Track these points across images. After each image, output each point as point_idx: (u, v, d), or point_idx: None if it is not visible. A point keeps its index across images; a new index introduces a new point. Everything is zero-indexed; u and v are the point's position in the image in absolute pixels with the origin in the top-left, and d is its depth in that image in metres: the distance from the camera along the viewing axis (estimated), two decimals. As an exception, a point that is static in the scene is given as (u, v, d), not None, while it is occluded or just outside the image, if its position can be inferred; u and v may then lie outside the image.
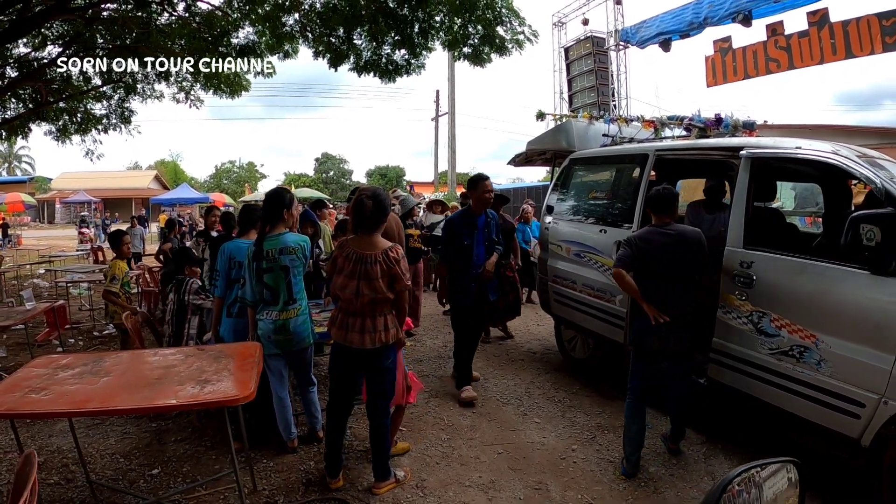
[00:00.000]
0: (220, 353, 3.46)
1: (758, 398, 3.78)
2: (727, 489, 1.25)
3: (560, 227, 6.03)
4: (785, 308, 3.57)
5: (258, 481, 3.72)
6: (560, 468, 3.97)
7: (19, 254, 17.84)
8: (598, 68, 20.09)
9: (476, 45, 8.74)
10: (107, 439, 4.46)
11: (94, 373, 3.09)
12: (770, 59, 12.75)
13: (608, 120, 6.43)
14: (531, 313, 8.86)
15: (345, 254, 3.38)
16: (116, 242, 6.14)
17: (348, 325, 3.39)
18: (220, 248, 4.43)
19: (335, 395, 3.62)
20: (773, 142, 4.05)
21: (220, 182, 58.03)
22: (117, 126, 12.07)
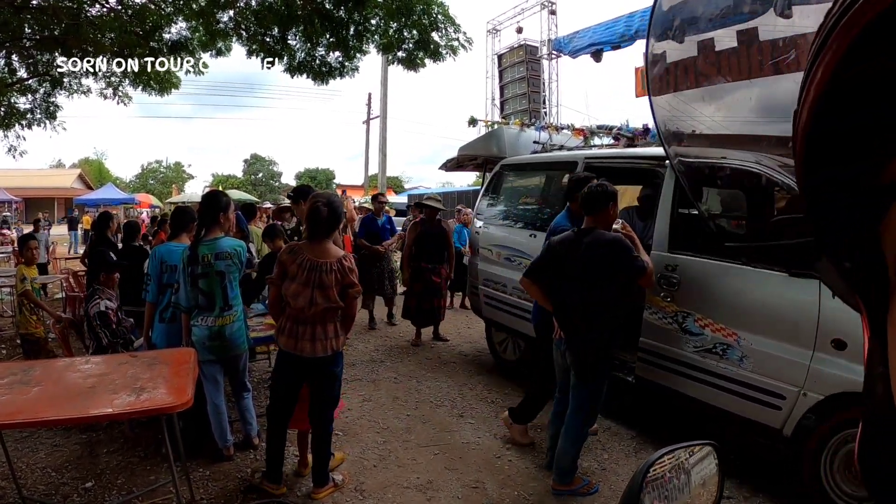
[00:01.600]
0: (153, 359, 3.42)
1: (684, 394, 4.00)
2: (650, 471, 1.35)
3: (490, 231, 6.19)
4: (708, 308, 3.82)
5: (195, 490, 3.69)
6: (496, 467, 4.09)
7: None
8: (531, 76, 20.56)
9: (411, 50, 8.83)
10: (36, 453, 4.30)
11: (25, 382, 3.02)
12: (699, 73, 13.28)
13: (539, 127, 6.64)
14: (462, 317, 9.03)
15: (298, 261, 3.35)
16: (21, 247, 5.94)
17: (298, 334, 3.38)
18: (152, 251, 4.36)
19: (279, 403, 3.60)
20: (699, 151, 4.25)
21: (147, 182, 56.07)
22: (42, 122, 11.59)
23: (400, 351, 7.20)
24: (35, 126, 11.51)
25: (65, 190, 41.27)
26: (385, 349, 7.28)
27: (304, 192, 5.12)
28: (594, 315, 3.49)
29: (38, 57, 9.82)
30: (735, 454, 4.14)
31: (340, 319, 3.51)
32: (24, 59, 9.86)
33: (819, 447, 3.28)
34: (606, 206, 3.56)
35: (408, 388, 5.75)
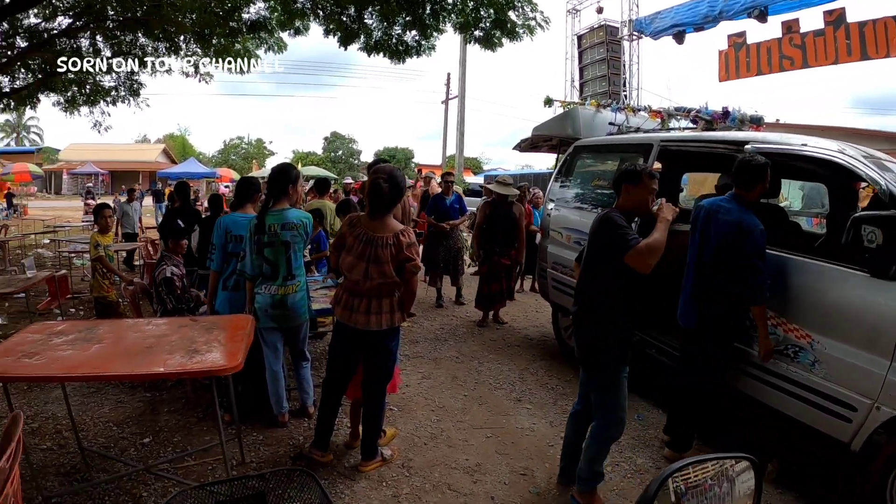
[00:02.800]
0: (212, 324, 3.47)
1: (751, 396, 3.76)
2: (668, 481, 1.25)
3: (561, 214, 6.02)
4: (781, 306, 3.54)
5: (247, 454, 3.75)
6: (547, 455, 3.97)
7: (24, 223, 17.95)
8: (611, 58, 20.01)
9: (487, 29, 8.74)
10: (101, 407, 4.51)
11: (88, 340, 3.11)
12: (784, 57, 12.61)
13: (615, 108, 6.42)
14: (531, 300, 8.89)
15: (355, 233, 3.33)
16: (97, 216, 6.14)
17: (353, 306, 3.36)
18: (217, 221, 4.42)
19: (334, 373, 3.62)
20: (778, 137, 3.99)
21: (228, 157, 57.80)
22: (126, 98, 12.07)
23: (464, 331, 7.14)
24: (119, 103, 11.99)
25: (149, 164, 43.31)
26: (450, 328, 7.25)
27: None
28: (595, 303, 3.18)
29: (122, 37, 10.17)
30: (795, 464, 3.88)
31: (400, 295, 3.46)
32: (108, 40, 10.24)
33: (887, 467, 2.97)
34: (620, 186, 3.19)
35: (468, 369, 5.69)
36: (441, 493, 3.46)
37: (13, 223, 17.62)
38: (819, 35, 11.97)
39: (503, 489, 3.53)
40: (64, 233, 13.52)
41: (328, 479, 3.52)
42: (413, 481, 3.57)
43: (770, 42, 13.02)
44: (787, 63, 12.60)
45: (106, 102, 11.95)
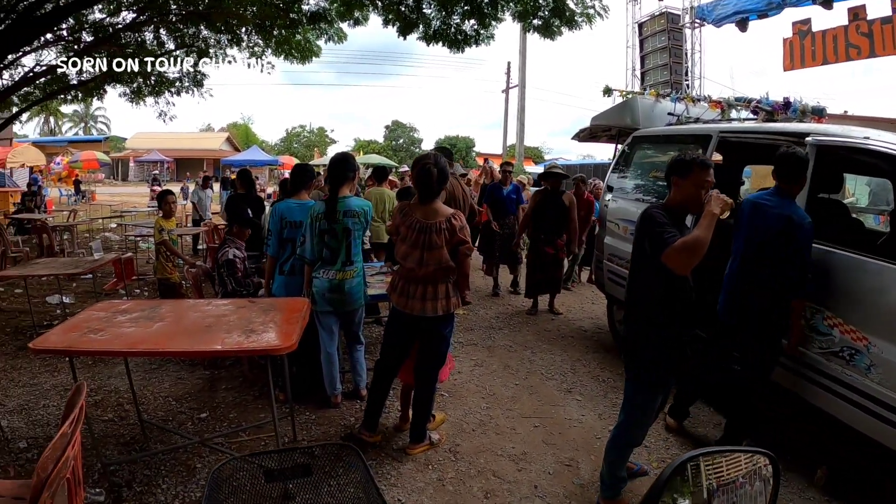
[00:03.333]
0: (269, 306, 3.57)
1: (803, 398, 3.64)
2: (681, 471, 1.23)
3: (619, 205, 5.95)
4: (839, 306, 3.41)
5: (299, 432, 3.87)
6: (594, 447, 3.94)
7: (92, 208, 18.73)
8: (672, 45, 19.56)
9: (546, 18, 8.63)
10: (162, 383, 4.70)
11: (150, 318, 3.25)
12: (850, 45, 12.06)
13: (675, 98, 6.28)
14: (588, 291, 8.82)
15: (408, 223, 3.39)
16: (160, 202, 6.33)
17: (409, 293, 3.42)
18: (272, 208, 4.53)
19: (387, 358, 3.69)
20: (841, 130, 3.82)
21: (291, 146, 58.75)
22: (189, 89, 12.38)
23: (519, 320, 7.14)
24: (183, 93, 12.32)
25: (213, 151, 44.40)
26: (505, 317, 7.27)
27: (444, 153, 5.09)
28: (636, 300, 3.06)
29: (185, 30, 10.43)
30: (846, 471, 3.72)
31: (455, 280, 3.49)
32: (171, 33, 10.52)
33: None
34: (670, 178, 2.98)
35: (521, 358, 5.70)
36: (485, 478, 3.49)
37: (81, 208, 18.41)
38: (887, 22, 11.46)
39: (547, 479, 3.53)
40: (130, 217, 14.05)
41: (376, 459, 3.60)
42: (458, 466, 3.60)
43: (836, 30, 12.49)
44: (854, 52, 12.07)
45: (170, 93, 12.28)
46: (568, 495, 3.37)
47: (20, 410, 4.20)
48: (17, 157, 18.34)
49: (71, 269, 6.07)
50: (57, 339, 2.92)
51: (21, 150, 19.39)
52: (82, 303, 7.03)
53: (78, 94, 12.22)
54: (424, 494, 3.29)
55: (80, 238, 12.48)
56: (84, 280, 8.04)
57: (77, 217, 14.31)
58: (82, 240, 12.33)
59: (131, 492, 3.19)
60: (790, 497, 3.43)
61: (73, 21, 9.91)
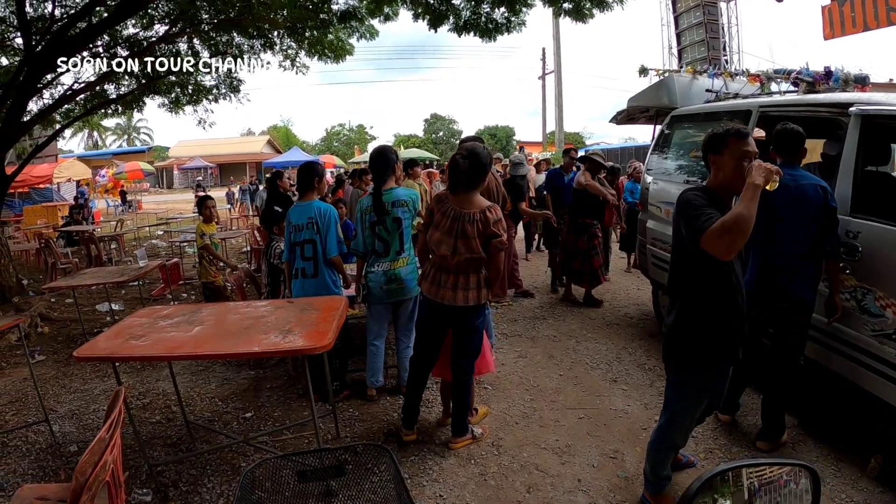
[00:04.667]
0: (307, 305, 3.59)
1: (855, 383, 3.45)
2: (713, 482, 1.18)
3: (660, 187, 5.81)
4: (892, 286, 3.21)
5: (342, 429, 3.89)
6: (640, 438, 3.85)
7: (139, 217, 19.24)
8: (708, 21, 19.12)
9: (577, 1, 8.49)
10: (208, 384, 4.80)
11: (190, 322, 3.30)
12: (892, 9, 11.53)
13: (712, 74, 6.09)
14: (633, 278, 8.65)
15: (443, 209, 3.37)
16: (201, 207, 6.42)
17: (441, 281, 3.40)
18: (287, 213, 4.46)
19: (421, 349, 3.67)
20: (886, 98, 3.63)
21: (331, 145, 59.22)
22: (227, 95, 12.55)
23: (563, 309, 7.04)
24: (221, 100, 12.51)
25: (255, 155, 45.10)
26: (549, 306, 7.18)
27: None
28: (676, 289, 2.84)
29: (218, 38, 10.58)
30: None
31: (486, 272, 3.44)
32: (204, 42, 10.68)
33: None
34: (707, 159, 2.76)
35: (565, 348, 5.63)
36: (528, 472, 3.44)
37: (128, 217, 18.94)
38: (929, -18, 10.93)
39: (591, 472, 3.47)
40: (176, 224, 14.40)
41: (418, 454, 3.60)
42: (501, 460, 3.57)
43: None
44: None
45: (208, 100, 12.48)
46: (612, 488, 3.30)
47: (71, 416, 4.34)
48: (64, 171, 18.97)
49: (117, 277, 6.22)
50: (100, 347, 2.99)
51: (67, 164, 20.07)
52: (131, 309, 7.20)
53: (118, 108, 12.53)
54: (466, 490, 3.26)
55: (128, 247, 12.82)
56: (132, 287, 8.25)
57: (124, 226, 14.71)
58: (130, 248, 12.67)
59: (177, 491, 3.26)
60: (842, 487, 3.28)
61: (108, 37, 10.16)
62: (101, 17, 8.83)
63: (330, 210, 4.26)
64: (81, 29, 8.36)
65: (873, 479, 3.34)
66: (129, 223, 16.46)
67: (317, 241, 4.17)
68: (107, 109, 12.29)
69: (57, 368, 5.32)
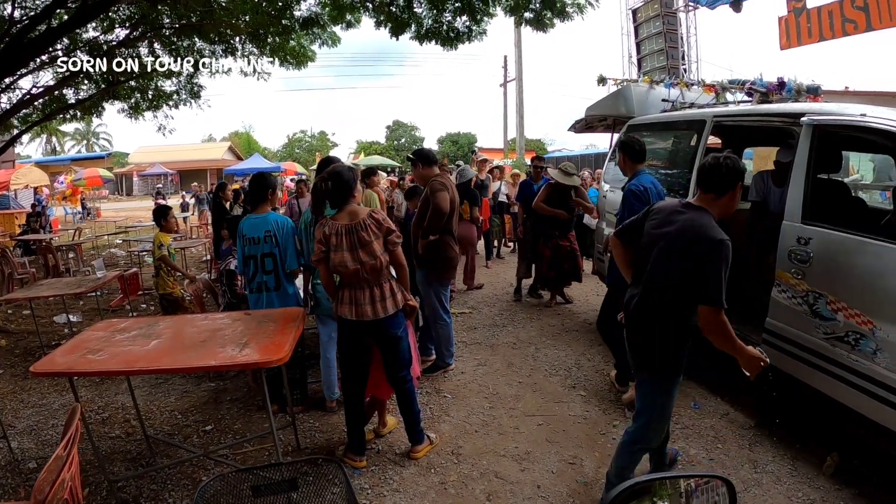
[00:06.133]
0: (265, 317, 3.59)
1: (809, 385, 3.58)
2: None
3: (617, 195, 5.91)
4: (842, 290, 3.34)
5: (303, 440, 3.90)
6: (598, 443, 3.94)
7: (98, 225, 18.84)
8: (668, 31, 19.50)
9: (537, 10, 8.61)
10: (168, 397, 4.75)
11: (147, 335, 3.29)
12: (847, 20, 11.91)
13: (668, 84, 6.25)
14: (591, 283, 8.75)
15: (334, 231, 3.34)
16: (163, 217, 6.33)
17: (357, 300, 3.38)
18: (239, 226, 4.38)
19: (351, 374, 3.59)
20: (836, 108, 3.77)
21: (293, 151, 58.45)
22: (187, 101, 12.43)
23: (524, 316, 7.10)
24: (182, 105, 12.38)
25: (216, 161, 44.35)
26: (509, 314, 7.22)
27: (422, 154, 5.06)
28: (663, 310, 2.89)
29: (179, 43, 10.49)
30: (861, 459, 3.66)
31: (394, 275, 3.50)
32: (165, 47, 10.57)
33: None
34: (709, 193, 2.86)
35: (524, 355, 5.69)
36: (488, 480, 3.49)
37: (87, 226, 18.54)
38: (883, -6, 11.32)
39: (550, 478, 3.53)
40: (135, 232, 14.15)
41: (379, 464, 3.63)
42: (461, 468, 3.61)
43: (831, 5, 12.33)
44: (851, 27, 11.91)
45: (168, 106, 12.34)
46: (571, 494, 3.36)
47: (30, 431, 4.26)
48: (21, 178, 18.47)
49: (75, 288, 6.11)
50: (57, 362, 2.96)
51: (24, 171, 19.53)
52: (90, 320, 7.08)
53: (77, 113, 12.31)
54: (426, 499, 3.30)
55: (87, 256, 12.56)
56: (90, 297, 8.10)
57: (82, 235, 14.42)
58: (88, 257, 12.40)
59: (138, 507, 3.23)
60: (799, 486, 3.40)
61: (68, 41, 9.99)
62: (61, 19, 8.68)
63: (287, 222, 4.24)
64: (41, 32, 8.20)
65: (829, 476, 3.48)
66: (87, 231, 16.12)
67: (276, 254, 4.15)
68: (66, 114, 12.09)
69: (14, 383, 5.21)
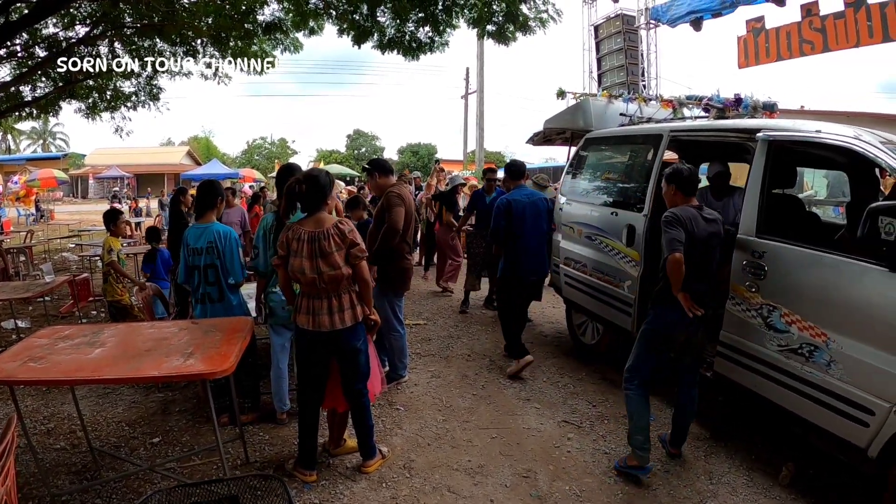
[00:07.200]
0: (211, 327, 3.51)
1: (763, 396, 3.65)
2: None
3: (573, 208, 5.98)
4: (796, 303, 3.42)
5: (252, 453, 3.82)
6: (552, 457, 3.94)
7: (50, 228, 18.29)
8: (628, 47, 19.87)
9: (500, 23, 8.69)
10: (115, 408, 4.61)
11: (91, 343, 3.19)
12: (804, 41, 12.38)
13: (627, 99, 6.34)
14: (548, 296, 8.80)
15: (297, 236, 3.30)
16: (113, 221, 6.15)
17: (314, 309, 3.34)
18: (185, 233, 4.29)
19: (307, 385, 3.54)
20: (791, 124, 3.85)
21: (252, 158, 57.67)
22: (146, 103, 12.23)
23: (479, 328, 7.10)
24: (140, 107, 12.16)
25: (174, 166, 43.65)
26: (464, 326, 7.21)
27: (378, 164, 5.04)
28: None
29: (140, 43, 10.32)
30: (811, 469, 3.77)
31: (356, 288, 3.44)
32: (126, 46, 10.40)
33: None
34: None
35: (479, 367, 5.67)
36: (440, 495, 3.46)
37: (39, 228, 18.01)
38: (839, 17, 11.78)
39: (503, 492, 3.51)
40: (88, 236, 13.79)
41: (329, 479, 3.57)
42: (413, 483, 3.57)
43: (790, 26, 12.81)
44: (808, 47, 12.37)
45: (126, 108, 12.12)
46: (524, 507, 3.36)
47: (-36, 443, 4.08)
48: (-28, 177, 17.89)
49: (22, 293, 5.93)
50: (-3, 368, 2.84)
51: (-24, 170, 18.92)
52: (39, 326, 6.84)
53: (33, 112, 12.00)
54: (377, 514, 3.26)
55: (38, 259, 12.20)
56: (40, 303, 7.84)
57: (34, 237, 14.00)
58: (39, 261, 12.04)
59: (80, 522, 3.12)
60: (755, 497, 3.47)
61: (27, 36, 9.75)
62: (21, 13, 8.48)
63: (230, 233, 4.15)
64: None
65: (785, 486, 3.56)
66: (39, 234, 15.66)
67: (218, 266, 4.06)
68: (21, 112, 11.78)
69: (-49, 391, 4.99)
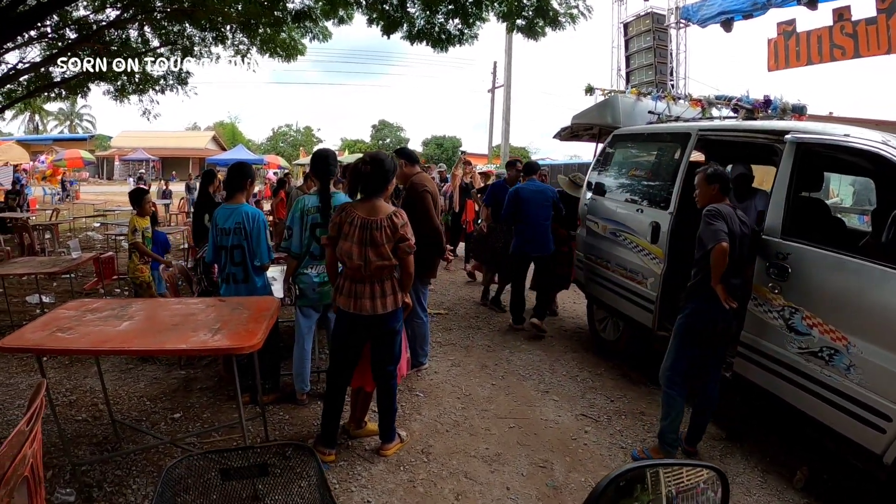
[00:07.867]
0: (238, 304, 3.53)
1: (780, 398, 3.62)
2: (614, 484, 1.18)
3: (598, 203, 5.95)
4: (818, 305, 3.38)
5: (272, 432, 3.83)
6: (569, 448, 3.94)
7: (76, 207, 18.56)
8: (658, 46, 19.57)
9: (530, 18, 8.67)
10: (137, 383, 4.68)
11: (119, 317, 3.22)
12: (835, 46, 12.10)
13: (655, 97, 6.30)
14: (569, 291, 8.76)
15: (349, 219, 3.31)
16: (138, 201, 6.21)
17: (357, 293, 3.36)
18: (214, 212, 4.33)
19: (340, 365, 3.57)
20: (820, 127, 3.81)
21: (277, 145, 57.91)
22: (174, 87, 12.34)
23: (499, 319, 7.10)
24: (168, 91, 12.26)
25: (199, 150, 44.04)
26: (485, 317, 7.22)
27: (405, 153, 5.03)
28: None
29: (169, 28, 10.40)
30: (832, 472, 3.73)
31: (398, 276, 3.47)
32: (155, 30, 10.49)
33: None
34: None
35: (498, 358, 5.68)
36: (457, 480, 3.47)
37: (65, 207, 18.26)
38: (871, 23, 11.46)
39: (520, 480, 3.52)
40: (113, 216, 13.96)
41: (347, 460, 3.60)
42: (430, 467, 3.59)
43: (821, 30, 12.51)
44: (839, 52, 12.09)
45: (154, 91, 12.24)
46: (540, 497, 3.36)
47: (-5, 410, 4.16)
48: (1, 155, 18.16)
49: (49, 268, 6.02)
50: (26, 338, 2.88)
51: (4, 148, 19.20)
52: (63, 302, 6.91)
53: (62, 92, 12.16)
54: (395, 496, 3.27)
55: (63, 237, 12.38)
56: (64, 279, 7.97)
57: (60, 216, 14.20)
58: (65, 239, 12.23)
59: (101, 492, 3.17)
60: (769, 499, 3.43)
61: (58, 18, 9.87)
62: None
63: (258, 215, 4.17)
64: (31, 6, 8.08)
65: (799, 490, 3.52)
66: (65, 213, 15.89)
67: (245, 247, 4.09)
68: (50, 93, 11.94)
69: (-20, 362, 5.09)
